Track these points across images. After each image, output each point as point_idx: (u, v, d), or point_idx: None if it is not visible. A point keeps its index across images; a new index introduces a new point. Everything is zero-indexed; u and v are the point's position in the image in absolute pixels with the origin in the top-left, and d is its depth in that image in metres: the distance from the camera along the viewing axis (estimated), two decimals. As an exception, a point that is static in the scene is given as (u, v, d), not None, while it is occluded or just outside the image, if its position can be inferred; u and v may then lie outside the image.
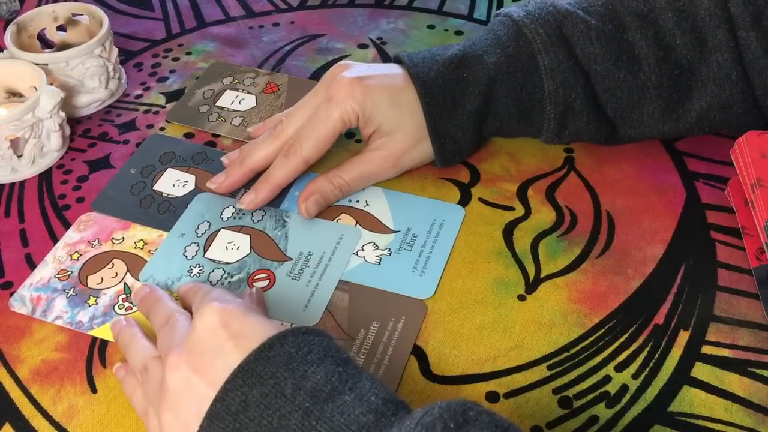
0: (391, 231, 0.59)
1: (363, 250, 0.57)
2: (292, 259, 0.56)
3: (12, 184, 0.64)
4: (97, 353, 0.52)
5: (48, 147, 0.64)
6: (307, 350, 0.41)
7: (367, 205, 0.60)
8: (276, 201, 0.61)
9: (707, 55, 0.57)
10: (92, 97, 0.70)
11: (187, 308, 0.50)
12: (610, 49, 0.57)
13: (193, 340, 0.43)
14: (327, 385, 0.39)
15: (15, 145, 0.63)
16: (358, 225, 0.59)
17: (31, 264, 0.57)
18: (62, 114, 0.64)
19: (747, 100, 0.57)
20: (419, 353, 0.51)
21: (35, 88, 0.64)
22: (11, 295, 0.55)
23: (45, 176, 0.64)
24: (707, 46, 0.57)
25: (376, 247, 0.57)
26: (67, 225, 0.60)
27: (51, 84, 0.66)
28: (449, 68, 0.59)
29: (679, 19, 0.57)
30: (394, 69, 0.60)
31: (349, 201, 0.61)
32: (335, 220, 0.59)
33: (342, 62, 0.60)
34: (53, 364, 0.51)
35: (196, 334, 0.43)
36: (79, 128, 0.69)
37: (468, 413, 0.37)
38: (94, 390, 0.50)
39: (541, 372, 0.50)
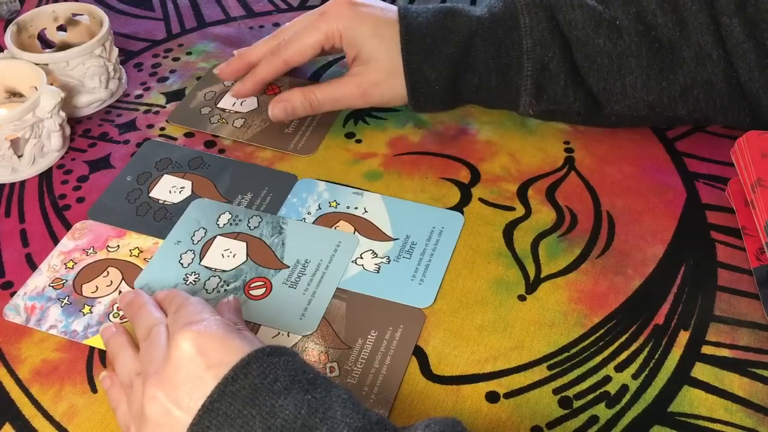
0: (390, 238, 0.58)
1: (362, 258, 0.57)
2: (288, 267, 0.56)
3: (12, 184, 0.64)
4: (97, 353, 0.52)
5: (48, 147, 0.64)
6: (273, 378, 0.40)
7: (366, 212, 0.60)
8: (273, 208, 0.61)
9: (687, 36, 0.58)
10: (92, 97, 0.70)
11: None
12: (591, 17, 0.60)
13: (171, 369, 0.42)
14: (297, 420, 0.38)
15: (15, 145, 0.63)
16: (356, 232, 0.59)
17: (32, 264, 0.57)
18: (62, 114, 0.64)
19: (730, 81, 0.58)
20: (419, 353, 0.51)
21: (35, 88, 0.64)
22: (11, 295, 0.55)
23: (45, 176, 0.64)
24: (687, 27, 0.58)
25: (375, 254, 0.57)
26: (67, 225, 0.60)
27: (51, 84, 0.65)
28: (436, 17, 0.62)
29: (662, 1, 0.59)
30: (390, 7, 0.64)
31: (348, 207, 0.60)
32: (333, 227, 0.59)
33: None
34: (53, 363, 0.51)
35: (172, 363, 0.42)
36: (79, 128, 0.69)
37: None
38: (94, 390, 0.50)
39: (541, 372, 0.50)
